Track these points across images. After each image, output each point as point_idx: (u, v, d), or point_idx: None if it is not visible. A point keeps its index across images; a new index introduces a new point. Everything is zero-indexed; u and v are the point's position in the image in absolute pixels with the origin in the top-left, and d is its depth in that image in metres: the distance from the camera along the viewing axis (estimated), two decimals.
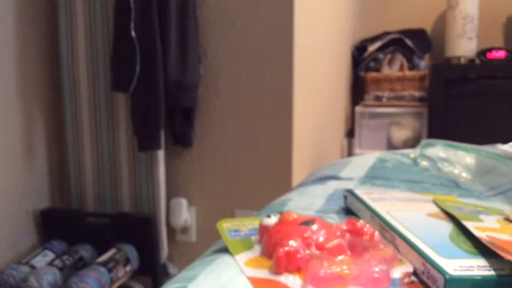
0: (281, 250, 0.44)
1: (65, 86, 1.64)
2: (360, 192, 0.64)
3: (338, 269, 0.41)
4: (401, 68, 2.57)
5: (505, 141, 1.03)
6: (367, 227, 0.49)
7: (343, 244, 0.46)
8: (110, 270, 1.44)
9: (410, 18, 2.76)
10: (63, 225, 1.64)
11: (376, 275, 0.41)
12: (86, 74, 1.62)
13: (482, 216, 0.54)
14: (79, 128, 1.65)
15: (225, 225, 0.55)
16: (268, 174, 1.60)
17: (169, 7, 1.47)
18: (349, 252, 0.46)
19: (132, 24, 1.39)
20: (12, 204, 1.55)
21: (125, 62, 1.43)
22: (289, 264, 0.44)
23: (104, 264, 1.45)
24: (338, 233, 0.48)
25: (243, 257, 0.48)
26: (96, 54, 1.60)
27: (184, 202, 1.67)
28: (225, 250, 0.51)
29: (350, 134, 2.66)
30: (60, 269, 1.43)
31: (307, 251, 0.44)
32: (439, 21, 2.76)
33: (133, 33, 1.40)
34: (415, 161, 0.97)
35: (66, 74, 1.63)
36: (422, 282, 0.44)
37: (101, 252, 1.53)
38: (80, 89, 1.63)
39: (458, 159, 0.90)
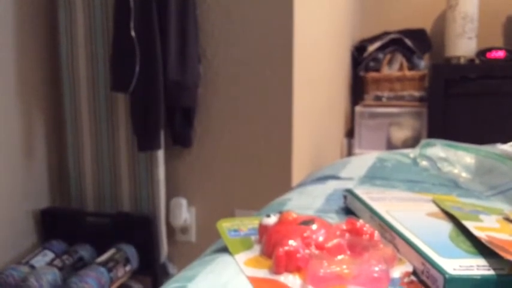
0: (281, 250, 0.44)
1: (65, 85, 1.64)
2: (360, 192, 0.64)
3: (338, 269, 0.41)
4: (401, 68, 2.57)
5: (504, 141, 1.03)
6: (366, 227, 0.49)
7: (343, 244, 0.46)
8: (109, 270, 1.44)
9: (410, 18, 2.76)
10: (63, 225, 1.64)
11: (375, 275, 0.42)
12: (86, 73, 1.61)
13: (481, 216, 0.54)
14: (79, 128, 1.65)
15: (225, 225, 0.55)
16: (268, 174, 1.60)
17: (169, 7, 1.47)
18: (348, 252, 0.46)
19: (131, 24, 1.39)
20: (12, 204, 1.55)
21: (124, 61, 1.43)
22: (288, 263, 0.44)
23: (104, 264, 1.45)
24: (338, 233, 0.48)
25: (242, 257, 0.48)
26: (95, 54, 1.59)
27: (184, 202, 1.67)
28: (224, 250, 0.51)
29: (350, 133, 2.66)
30: (60, 269, 1.43)
31: (307, 251, 0.44)
32: (438, 21, 2.76)
33: (133, 33, 1.40)
34: (414, 161, 0.97)
35: (65, 74, 1.63)
36: (421, 281, 0.44)
37: (100, 252, 1.53)
38: (80, 89, 1.63)
39: (457, 159, 0.90)
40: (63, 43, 1.62)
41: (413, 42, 2.60)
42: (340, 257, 0.45)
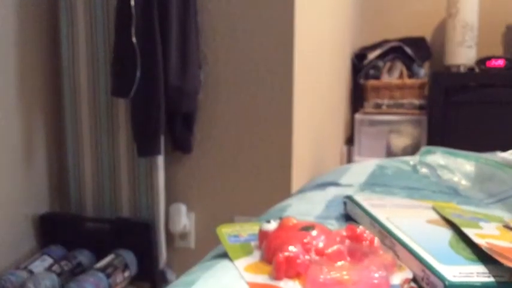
0: (281, 255, 0.44)
1: (65, 90, 1.64)
2: (360, 198, 0.64)
3: (337, 275, 0.41)
4: (400, 76, 2.58)
5: (504, 149, 1.03)
6: (366, 233, 0.49)
7: (343, 250, 0.46)
8: (108, 276, 1.43)
9: (410, 27, 2.77)
10: (62, 230, 1.64)
11: (375, 281, 0.41)
12: (87, 78, 1.62)
13: (481, 223, 0.54)
14: (79, 133, 1.65)
15: (225, 231, 0.55)
16: (268, 181, 1.60)
17: (170, 12, 1.48)
18: (348, 258, 0.46)
19: (133, 30, 1.40)
20: (11, 209, 1.55)
21: (125, 67, 1.43)
22: (288, 269, 0.44)
23: (103, 269, 1.44)
24: (338, 239, 0.48)
25: (242, 262, 0.48)
26: (96, 59, 1.60)
27: (183, 208, 1.67)
28: (224, 255, 0.51)
29: (349, 141, 2.66)
30: (59, 274, 1.42)
31: (307, 257, 0.44)
32: (438, 29, 2.77)
33: (134, 39, 1.40)
34: (414, 168, 0.97)
35: (66, 78, 1.63)
36: None
37: (99, 257, 1.53)
38: (80, 93, 1.63)
39: (457, 166, 0.91)
40: (64, 48, 1.62)
41: (413, 51, 2.60)
42: (340, 263, 0.44)
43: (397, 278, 0.44)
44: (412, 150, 2.43)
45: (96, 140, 1.64)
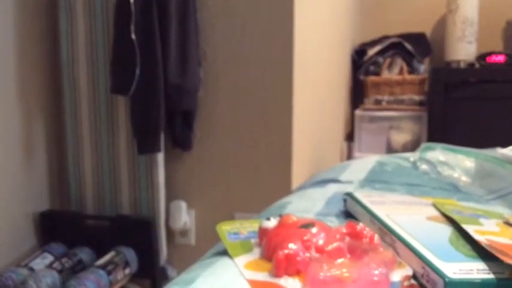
0: (281, 253, 0.44)
1: (65, 88, 1.64)
2: (360, 195, 0.64)
3: (337, 272, 0.41)
4: (401, 72, 2.57)
5: (504, 145, 1.03)
6: (366, 230, 0.49)
7: (343, 247, 0.46)
8: (109, 273, 1.43)
9: (410, 22, 2.77)
10: (63, 228, 1.64)
11: (375, 278, 0.41)
12: (86, 76, 1.62)
13: (481, 220, 0.54)
14: (79, 131, 1.65)
15: (225, 228, 0.55)
16: (268, 177, 1.60)
17: (169, 10, 1.47)
18: (348, 255, 0.46)
19: (132, 27, 1.39)
20: (11, 207, 1.55)
21: (124, 64, 1.43)
22: (288, 267, 0.44)
23: (103, 267, 1.44)
24: (338, 236, 0.48)
25: (242, 260, 0.48)
26: (96, 56, 1.60)
27: (183, 205, 1.67)
28: (224, 253, 0.51)
29: (349, 137, 2.66)
30: (59, 272, 1.43)
31: (307, 254, 0.44)
32: (438, 25, 2.76)
33: (133, 36, 1.40)
34: (414, 165, 0.97)
35: (66, 76, 1.63)
36: (421, 285, 0.44)
37: (100, 255, 1.53)
38: (80, 91, 1.63)
39: (457, 162, 0.90)
40: (63, 46, 1.62)
41: (413, 46, 2.60)
42: (340, 261, 0.44)
43: (397, 275, 0.44)
44: (412, 146, 2.43)
45: (96, 137, 1.64)
